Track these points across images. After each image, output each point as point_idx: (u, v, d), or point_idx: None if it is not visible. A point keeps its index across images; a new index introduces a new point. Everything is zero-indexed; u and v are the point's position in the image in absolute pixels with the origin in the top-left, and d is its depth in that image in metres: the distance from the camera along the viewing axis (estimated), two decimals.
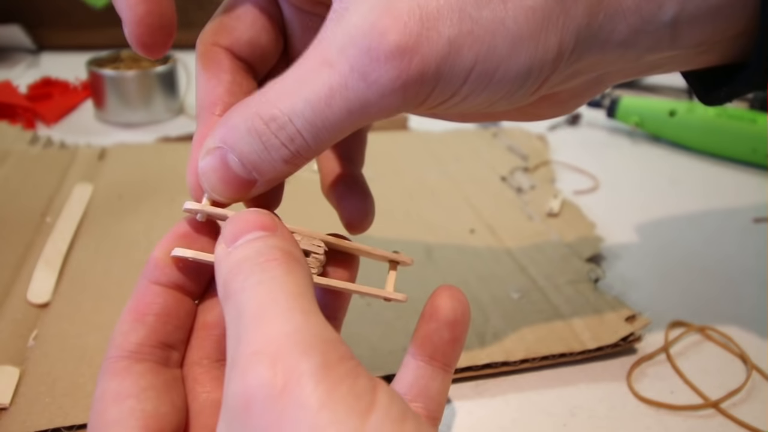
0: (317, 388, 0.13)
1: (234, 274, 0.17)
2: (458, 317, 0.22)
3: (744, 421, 0.30)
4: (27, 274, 0.36)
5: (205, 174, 0.19)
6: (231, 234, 0.18)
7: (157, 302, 0.20)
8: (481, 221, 0.45)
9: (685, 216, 0.50)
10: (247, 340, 0.15)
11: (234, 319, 0.16)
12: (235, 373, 0.14)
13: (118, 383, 0.18)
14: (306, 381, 0.14)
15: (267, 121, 0.18)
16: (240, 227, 0.18)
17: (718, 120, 0.60)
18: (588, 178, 0.55)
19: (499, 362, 0.32)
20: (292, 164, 0.19)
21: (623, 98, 0.66)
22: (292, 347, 0.14)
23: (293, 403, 0.13)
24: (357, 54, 0.17)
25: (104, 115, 0.63)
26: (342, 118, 0.18)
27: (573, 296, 0.37)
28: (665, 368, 0.33)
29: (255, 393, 0.14)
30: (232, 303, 0.16)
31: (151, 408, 0.18)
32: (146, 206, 0.45)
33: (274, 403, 0.13)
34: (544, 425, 0.29)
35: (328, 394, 0.13)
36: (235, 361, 0.15)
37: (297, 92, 0.18)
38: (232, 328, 0.16)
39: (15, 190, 0.46)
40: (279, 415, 0.13)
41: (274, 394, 0.14)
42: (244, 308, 0.16)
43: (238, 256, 0.17)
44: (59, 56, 0.84)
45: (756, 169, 0.59)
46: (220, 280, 0.17)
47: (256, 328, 0.15)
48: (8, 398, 0.28)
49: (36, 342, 0.31)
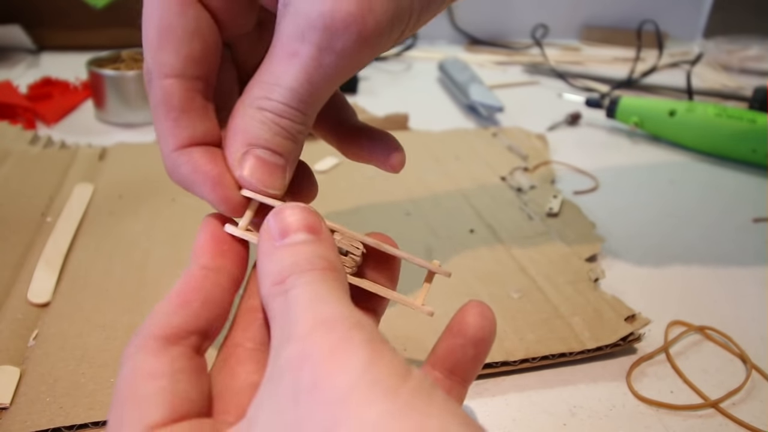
0: (364, 353, 0.15)
1: (286, 273, 0.18)
2: (486, 336, 0.22)
3: (744, 421, 0.30)
4: (27, 273, 0.36)
5: (251, 176, 0.22)
6: (278, 229, 0.20)
7: (205, 287, 0.20)
8: (481, 221, 0.45)
9: (685, 216, 0.50)
10: (303, 320, 0.16)
11: (283, 311, 0.17)
12: (290, 344, 0.16)
13: (154, 361, 0.19)
14: (356, 346, 0.15)
15: (270, 109, 0.21)
16: (287, 224, 0.20)
17: (718, 120, 0.60)
18: (588, 178, 0.55)
19: (499, 362, 0.32)
20: (303, 134, 0.23)
21: (623, 98, 0.66)
22: (345, 321, 0.16)
23: (344, 362, 0.15)
24: (318, 35, 0.20)
25: (104, 115, 0.63)
26: (326, 86, 0.21)
27: (573, 296, 0.37)
28: (665, 368, 0.33)
29: (311, 352, 0.15)
30: (281, 299, 0.18)
31: (182, 390, 0.18)
32: (146, 206, 0.45)
33: (328, 361, 0.15)
34: (544, 425, 0.29)
35: (374, 359, 0.15)
36: (290, 336, 0.16)
37: (281, 84, 0.21)
38: (279, 320, 0.17)
39: (15, 190, 0.46)
40: (330, 371, 0.15)
41: (328, 353, 0.15)
42: (295, 301, 0.17)
43: (288, 260, 0.19)
44: (59, 56, 0.84)
45: (756, 169, 0.59)
46: (267, 275, 0.19)
47: (310, 311, 0.17)
48: (9, 398, 0.28)
49: (36, 342, 0.31)
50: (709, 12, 1.19)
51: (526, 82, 0.87)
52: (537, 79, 0.88)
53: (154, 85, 0.22)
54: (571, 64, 0.98)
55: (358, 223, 0.44)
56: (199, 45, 0.22)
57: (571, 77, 0.87)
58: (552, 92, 0.82)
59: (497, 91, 0.79)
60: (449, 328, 0.22)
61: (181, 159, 0.22)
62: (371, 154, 0.27)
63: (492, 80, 0.84)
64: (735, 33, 1.07)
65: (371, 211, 0.46)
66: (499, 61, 0.97)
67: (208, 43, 0.23)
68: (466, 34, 1.08)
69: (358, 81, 0.78)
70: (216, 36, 0.23)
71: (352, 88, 0.77)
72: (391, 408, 0.14)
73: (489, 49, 1.05)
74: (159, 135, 0.23)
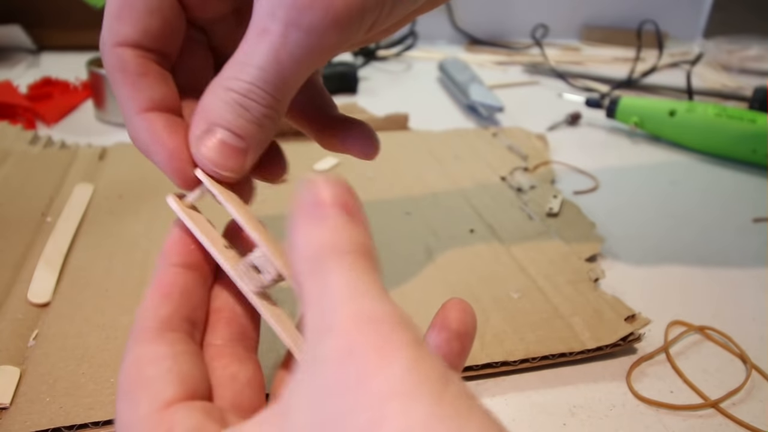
0: (410, 353, 0.15)
1: (325, 253, 0.17)
2: (469, 330, 0.22)
3: (743, 421, 0.30)
4: (27, 273, 0.36)
5: (206, 155, 0.22)
6: (311, 201, 0.18)
7: (179, 282, 0.21)
8: (481, 221, 0.45)
9: (685, 216, 0.50)
10: (344, 312, 0.16)
11: (317, 301, 0.17)
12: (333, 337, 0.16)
13: (154, 347, 0.19)
14: (402, 346, 0.15)
15: (236, 89, 0.21)
16: (321, 198, 0.18)
17: (718, 120, 0.60)
18: (588, 178, 0.55)
19: (499, 362, 0.32)
20: (271, 119, 0.22)
21: (623, 98, 0.66)
22: (390, 318, 0.16)
23: (390, 360, 0.15)
24: (286, 11, 0.20)
25: (104, 116, 0.63)
26: (295, 68, 0.21)
27: (573, 296, 0.37)
28: (665, 368, 0.33)
29: (356, 347, 0.15)
30: (318, 279, 0.17)
31: (186, 370, 0.19)
32: (146, 206, 0.45)
33: (374, 358, 0.15)
34: (544, 425, 0.29)
35: (418, 360, 0.15)
36: (332, 327, 0.16)
37: (250, 63, 0.21)
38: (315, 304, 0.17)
39: (15, 190, 0.46)
40: (376, 368, 0.15)
41: (374, 350, 0.15)
42: (334, 288, 0.17)
43: (327, 237, 0.17)
44: (59, 56, 0.84)
45: (756, 169, 0.59)
46: (301, 247, 0.18)
47: (352, 303, 0.16)
48: (9, 398, 0.28)
49: (36, 342, 0.31)
50: (709, 12, 1.19)
51: (526, 82, 0.87)
52: (537, 79, 0.88)
53: (108, 52, 0.23)
54: (571, 64, 0.98)
55: None
56: (158, 22, 0.23)
57: (571, 77, 0.87)
58: (552, 92, 0.82)
59: (497, 91, 0.79)
60: (433, 326, 0.23)
61: (142, 124, 0.23)
62: (345, 143, 0.28)
63: (492, 80, 0.84)
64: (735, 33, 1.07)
65: (371, 210, 0.46)
66: (499, 61, 0.97)
67: (168, 20, 0.23)
68: (466, 34, 1.08)
69: (359, 81, 0.78)
70: (178, 16, 0.24)
71: (352, 88, 0.77)
72: (436, 411, 0.14)
73: (489, 49, 1.05)
74: (119, 101, 0.23)
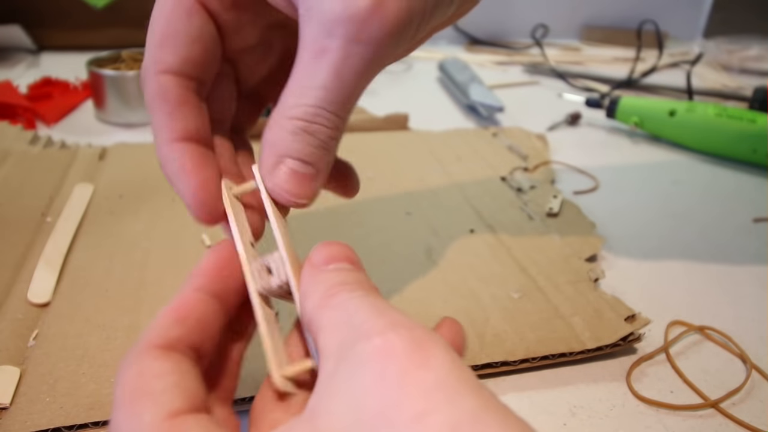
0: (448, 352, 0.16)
1: (337, 290, 0.19)
2: (459, 352, 0.22)
3: (743, 421, 0.30)
4: (27, 273, 0.36)
5: (279, 186, 0.22)
6: (323, 258, 0.21)
7: (199, 308, 0.20)
8: (481, 221, 0.45)
9: (685, 216, 0.50)
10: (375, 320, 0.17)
11: (340, 319, 0.18)
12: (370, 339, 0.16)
13: (160, 364, 0.19)
14: (440, 345, 0.16)
15: (301, 117, 0.22)
16: (331, 254, 0.21)
17: (718, 120, 0.60)
18: (588, 178, 0.55)
19: (499, 362, 0.32)
20: (336, 140, 0.23)
21: (623, 98, 0.66)
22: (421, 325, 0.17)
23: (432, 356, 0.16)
24: (345, 28, 0.21)
25: (104, 116, 0.63)
26: (358, 83, 0.22)
27: (573, 296, 0.37)
28: (665, 368, 0.33)
29: (396, 344, 0.16)
30: (335, 310, 0.18)
31: (193, 387, 0.19)
32: (147, 206, 0.45)
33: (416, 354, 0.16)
34: (544, 425, 0.29)
35: (456, 359, 0.16)
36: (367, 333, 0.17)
37: (311, 86, 0.21)
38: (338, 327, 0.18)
39: (16, 190, 0.46)
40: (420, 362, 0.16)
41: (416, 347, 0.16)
42: (357, 307, 0.18)
43: (336, 279, 0.20)
44: (59, 56, 0.84)
45: (756, 169, 0.59)
46: (313, 292, 0.20)
47: (380, 314, 0.17)
48: (9, 398, 0.28)
49: (36, 342, 0.31)
50: (709, 12, 1.19)
51: (526, 82, 0.87)
52: (537, 79, 0.88)
53: (150, 79, 0.23)
54: (571, 64, 0.98)
55: (358, 223, 0.44)
56: (199, 50, 0.24)
57: (571, 77, 0.87)
58: (552, 92, 0.82)
59: (497, 91, 0.79)
60: None
61: (173, 154, 0.23)
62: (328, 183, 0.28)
63: (492, 80, 0.84)
64: (735, 33, 1.07)
65: (371, 211, 0.46)
66: (499, 61, 0.97)
67: (208, 49, 0.24)
68: (466, 34, 1.08)
69: None
70: (217, 45, 0.25)
71: None
72: (482, 403, 0.15)
73: (489, 49, 1.05)
74: (154, 128, 0.23)
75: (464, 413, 0.15)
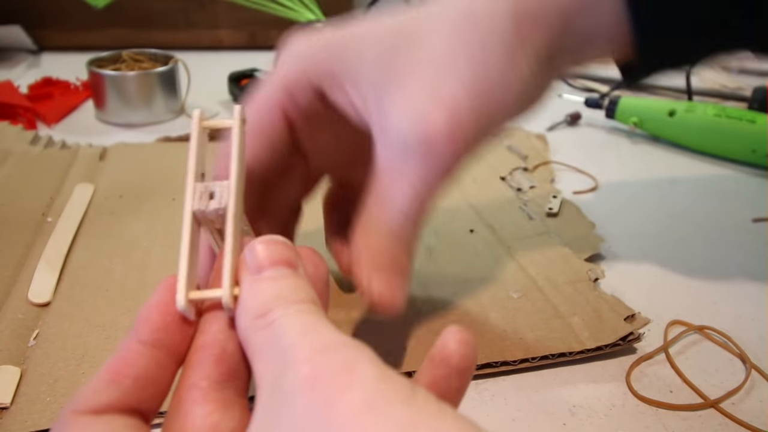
0: (375, 370, 0.16)
1: (271, 306, 0.18)
2: (470, 365, 0.21)
3: (743, 421, 0.30)
4: (28, 273, 0.36)
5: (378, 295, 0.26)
6: (256, 264, 0.19)
7: (139, 364, 0.19)
8: (481, 221, 0.45)
9: (684, 216, 0.50)
10: (302, 345, 0.17)
11: (271, 341, 0.18)
12: (295, 367, 0.16)
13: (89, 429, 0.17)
14: (366, 365, 0.16)
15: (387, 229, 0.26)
16: (268, 257, 0.19)
17: (718, 120, 0.60)
18: (588, 178, 0.55)
19: (499, 362, 0.32)
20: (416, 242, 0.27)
21: (622, 98, 0.66)
22: (347, 345, 0.17)
23: (358, 377, 0.15)
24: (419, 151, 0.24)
25: (105, 116, 0.63)
26: (431, 197, 0.26)
27: (572, 296, 0.37)
28: (664, 368, 0.33)
29: (322, 371, 0.16)
30: (267, 332, 0.18)
31: None
32: (147, 206, 0.45)
33: (342, 377, 0.15)
34: (544, 425, 0.29)
35: (383, 375, 0.16)
36: (292, 360, 0.16)
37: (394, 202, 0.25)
38: (267, 352, 0.18)
39: (16, 190, 0.46)
40: (346, 386, 0.15)
41: (340, 370, 0.16)
42: (286, 330, 0.17)
43: (271, 292, 0.19)
44: (60, 56, 0.84)
45: (756, 169, 0.59)
46: (247, 309, 0.19)
47: (307, 338, 0.17)
48: (9, 398, 0.28)
49: (37, 341, 0.31)
50: None
51: None
52: None
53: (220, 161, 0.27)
54: None
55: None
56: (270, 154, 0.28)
57: (571, 77, 0.87)
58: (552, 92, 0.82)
59: None
60: (431, 358, 0.21)
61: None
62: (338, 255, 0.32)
63: None
64: None
65: None
66: None
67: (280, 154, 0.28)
68: None
69: None
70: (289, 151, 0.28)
71: None
72: (411, 413, 0.15)
73: None
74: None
75: (395, 427, 0.14)
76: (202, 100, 0.69)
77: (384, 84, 0.25)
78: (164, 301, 0.20)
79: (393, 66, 0.25)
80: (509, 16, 0.25)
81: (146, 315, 0.20)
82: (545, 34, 0.26)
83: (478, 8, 0.25)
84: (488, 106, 0.25)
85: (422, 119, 0.24)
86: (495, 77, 0.25)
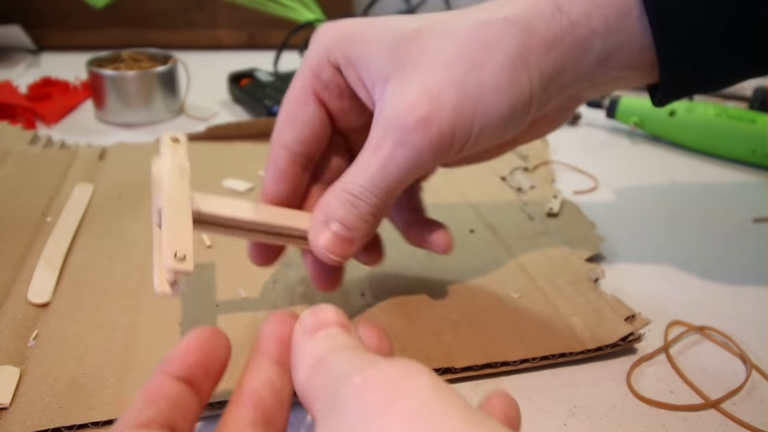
0: (429, 378, 0.17)
1: (327, 354, 0.20)
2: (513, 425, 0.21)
3: (744, 421, 0.30)
4: (27, 273, 0.36)
5: (321, 243, 0.28)
6: (313, 324, 0.21)
7: (168, 391, 0.20)
8: (481, 221, 0.45)
9: (684, 216, 0.50)
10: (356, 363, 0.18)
11: (327, 377, 0.19)
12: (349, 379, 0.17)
13: None
14: (420, 373, 0.17)
15: (350, 191, 0.28)
16: (322, 320, 0.21)
17: (718, 120, 0.60)
18: (588, 178, 0.55)
19: (499, 362, 0.32)
20: (375, 216, 0.28)
21: (623, 98, 0.66)
22: (404, 359, 0.18)
23: (413, 383, 0.16)
24: (395, 133, 0.27)
25: (104, 115, 0.63)
26: (398, 178, 0.27)
27: (573, 296, 0.37)
28: (665, 368, 0.33)
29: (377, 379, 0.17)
30: (325, 368, 0.19)
31: None
32: (146, 206, 0.45)
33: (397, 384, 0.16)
34: (544, 425, 0.29)
35: (438, 383, 0.16)
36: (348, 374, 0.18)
37: (364, 171, 0.27)
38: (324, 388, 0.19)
39: (15, 189, 0.46)
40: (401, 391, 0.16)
41: (397, 377, 0.17)
42: (340, 361, 0.19)
43: (325, 345, 0.20)
44: (59, 56, 0.84)
45: (756, 169, 0.59)
46: (303, 363, 0.20)
47: (364, 357, 0.18)
48: (9, 398, 0.28)
49: (36, 342, 0.31)
50: None
51: None
52: None
53: (271, 149, 0.30)
54: None
55: None
56: (309, 132, 0.30)
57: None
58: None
59: None
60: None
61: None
62: (427, 241, 0.33)
63: None
64: None
65: None
66: None
67: (317, 131, 0.30)
68: None
69: None
70: (326, 127, 0.31)
71: None
72: (465, 422, 0.15)
73: None
74: (264, 183, 0.31)
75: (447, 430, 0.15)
76: (202, 99, 0.69)
77: (389, 71, 0.28)
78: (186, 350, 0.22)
79: (401, 57, 0.27)
80: (520, 32, 0.27)
81: (172, 356, 0.21)
82: (556, 58, 0.27)
83: (492, 20, 0.27)
84: (474, 108, 0.27)
85: (406, 106, 0.26)
86: (488, 82, 0.27)
